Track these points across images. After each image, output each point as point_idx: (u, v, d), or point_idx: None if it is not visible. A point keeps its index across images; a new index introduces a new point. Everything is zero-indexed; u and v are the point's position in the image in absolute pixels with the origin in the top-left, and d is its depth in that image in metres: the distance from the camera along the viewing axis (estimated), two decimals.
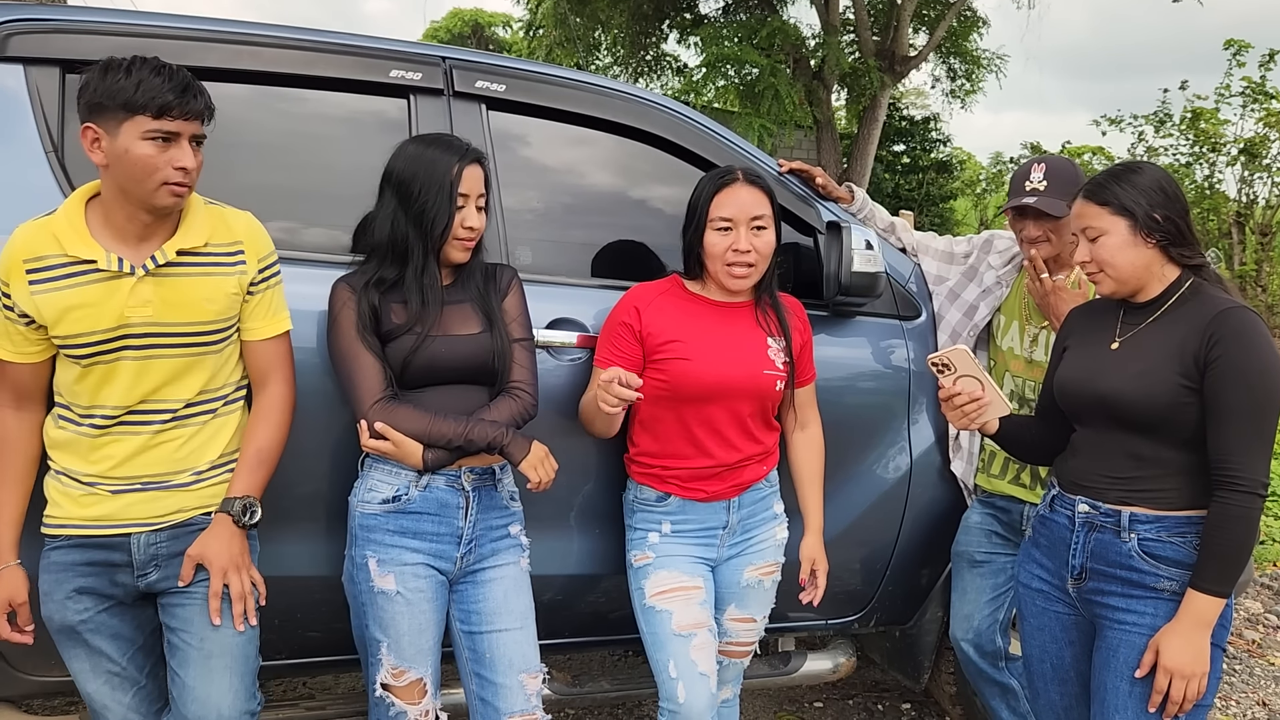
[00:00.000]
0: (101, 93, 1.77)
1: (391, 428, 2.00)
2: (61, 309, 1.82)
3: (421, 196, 2.03)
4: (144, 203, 1.83)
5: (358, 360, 2.02)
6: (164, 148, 1.79)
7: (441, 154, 2.06)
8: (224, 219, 1.97)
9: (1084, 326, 2.16)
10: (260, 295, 2.01)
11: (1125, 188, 1.97)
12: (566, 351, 2.39)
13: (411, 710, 2.06)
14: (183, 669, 1.91)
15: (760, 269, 2.26)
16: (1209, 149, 11.99)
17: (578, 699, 2.75)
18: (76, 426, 1.90)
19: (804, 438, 2.45)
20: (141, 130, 1.77)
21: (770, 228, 2.25)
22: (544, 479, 2.08)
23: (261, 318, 2.02)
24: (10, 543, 1.92)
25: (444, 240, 2.06)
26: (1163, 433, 1.93)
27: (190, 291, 1.90)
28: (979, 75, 16.72)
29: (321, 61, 2.35)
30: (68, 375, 1.90)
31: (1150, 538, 1.94)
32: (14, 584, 1.91)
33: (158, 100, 1.76)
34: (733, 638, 2.42)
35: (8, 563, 1.91)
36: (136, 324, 1.85)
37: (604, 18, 15.17)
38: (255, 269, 1.98)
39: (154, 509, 1.93)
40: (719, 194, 2.23)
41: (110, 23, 2.21)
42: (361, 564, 2.06)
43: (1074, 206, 2.06)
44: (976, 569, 2.67)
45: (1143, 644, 1.92)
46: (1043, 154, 3.99)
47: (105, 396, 1.88)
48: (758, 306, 2.33)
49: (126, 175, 1.80)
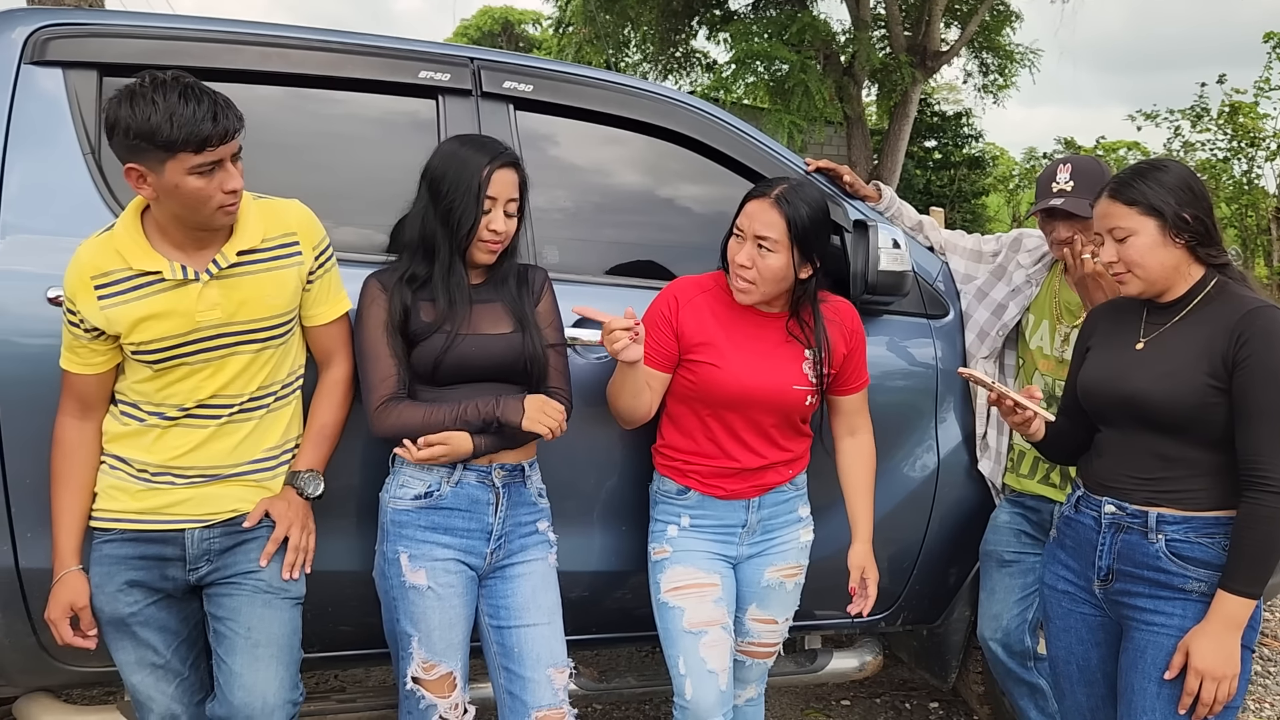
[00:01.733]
0: (135, 133, 1.74)
1: (396, 428, 2.03)
2: (134, 320, 1.87)
3: (449, 195, 2.05)
4: (202, 225, 1.88)
5: (376, 359, 2.06)
6: (211, 176, 1.82)
7: (474, 155, 2.07)
8: (275, 211, 2.02)
9: (1107, 326, 2.13)
10: (319, 281, 2.07)
11: (1153, 186, 1.94)
12: (593, 349, 2.40)
13: (441, 703, 2.08)
14: (230, 657, 1.95)
15: (762, 289, 2.17)
16: (1248, 144, 11.83)
17: (604, 694, 2.77)
18: (141, 422, 1.96)
19: (853, 444, 2.41)
20: (187, 167, 1.78)
21: (778, 253, 2.13)
22: (552, 426, 2.04)
23: (323, 303, 2.09)
24: (72, 549, 1.96)
25: (469, 241, 2.08)
26: (1190, 433, 1.91)
27: (254, 289, 1.95)
28: (1012, 70, 16.57)
29: (351, 63, 2.38)
30: (136, 376, 1.95)
31: (1178, 539, 1.93)
32: (76, 588, 1.95)
33: (197, 135, 1.76)
34: (755, 638, 2.42)
35: (69, 567, 1.96)
36: (207, 326, 1.91)
37: (633, 15, 15.20)
38: (311, 257, 2.04)
39: (208, 505, 1.98)
40: (748, 203, 2.20)
41: (146, 26, 2.26)
42: (393, 559, 2.08)
43: (1099, 206, 2.03)
44: (1005, 568, 2.66)
45: (1171, 645, 1.91)
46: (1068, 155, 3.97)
47: (174, 394, 1.94)
48: (794, 318, 2.28)
49: (180, 205, 1.84)
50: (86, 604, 1.95)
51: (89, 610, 1.96)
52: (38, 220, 2.08)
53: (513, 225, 2.13)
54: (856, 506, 2.40)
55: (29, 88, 2.13)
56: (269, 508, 2.01)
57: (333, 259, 2.11)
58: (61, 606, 1.94)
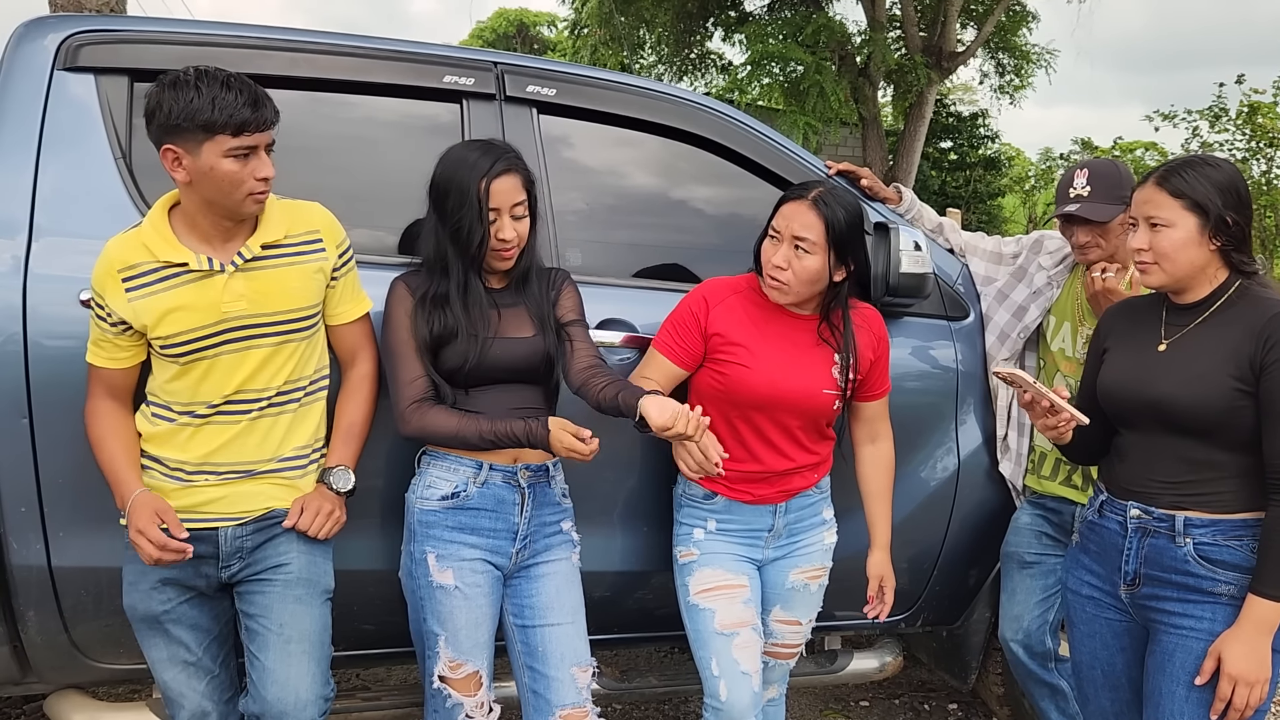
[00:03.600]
0: (177, 114, 1.81)
1: (424, 431, 2.05)
2: (161, 312, 1.90)
3: (454, 214, 2.06)
4: (231, 212, 1.92)
5: (404, 361, 2.08)
6: (245, 161, 1.87)
7: (469, 170, 2.05)
8: (298, 209, 2.06)
9: (1124, 327, 2.10)
10: (343, 280, 2.10)
11: (1202, 182, 1.89)
12: (616, 351, 2.42)
13: (468, 702, 2.10)
14: (262, 653, 1.98)
15: (796, 290, 2.18)
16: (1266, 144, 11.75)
17: (625, 694, 2.78)
18: (172, 422, 1.98)
19: (873, 451, 2.42)
20: (223, 149, 1.84)
21: (815, 254, 2.14)
22: (585, 450, 1.96)
23: (347, 302, 2.13)
24: (135, 478, 1.95)
25: (482, 255, 2.10)
26: (1217, 436, 1.89)
27: (279, 281, 1.98)
28: (1028, 70, 16.51)
29: (377, 68, 2.40)
30: (164, 375, 1.98)
31: (1206, 542, 1.91)
32: (155, 500, 1.92)
33: (236, 119, 1.83)
34: (779, 639, 2.43)
35: (138, 489, 1.94)
36: (233, 317, 1.94)
37: (649, 16, 15.22)
38: (335, 254, 2.07)
39: (241, 504, 2.01)
40: (785, 205, 2.20)
41: (176, 32, 2.29)
42: (420, 559, 2.10)
43: (1141, 191, 1.97)
44: (1026, 570, 2.66)
45: (1199, 649, 1.89)
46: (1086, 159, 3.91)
47: (204, 391, 1.96)
48: (826, 321, 2.29)
49: (214, 190, 1.87)
50: (169, 507, 1.92)
51: (172, 512, 1.91)
52: (70, 223, 2.11)
53: (523, 227, 2.13)
54: (875, 513, 2.41)
55: (61, 93, 2.17)
56: (303, 504, 2.04)
57: (354, 259, 2.14)
58: (147, 513, 1.89)
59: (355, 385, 2.16)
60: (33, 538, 2.10)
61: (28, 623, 2.15)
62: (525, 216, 2.12)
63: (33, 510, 2.09)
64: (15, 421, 2.05)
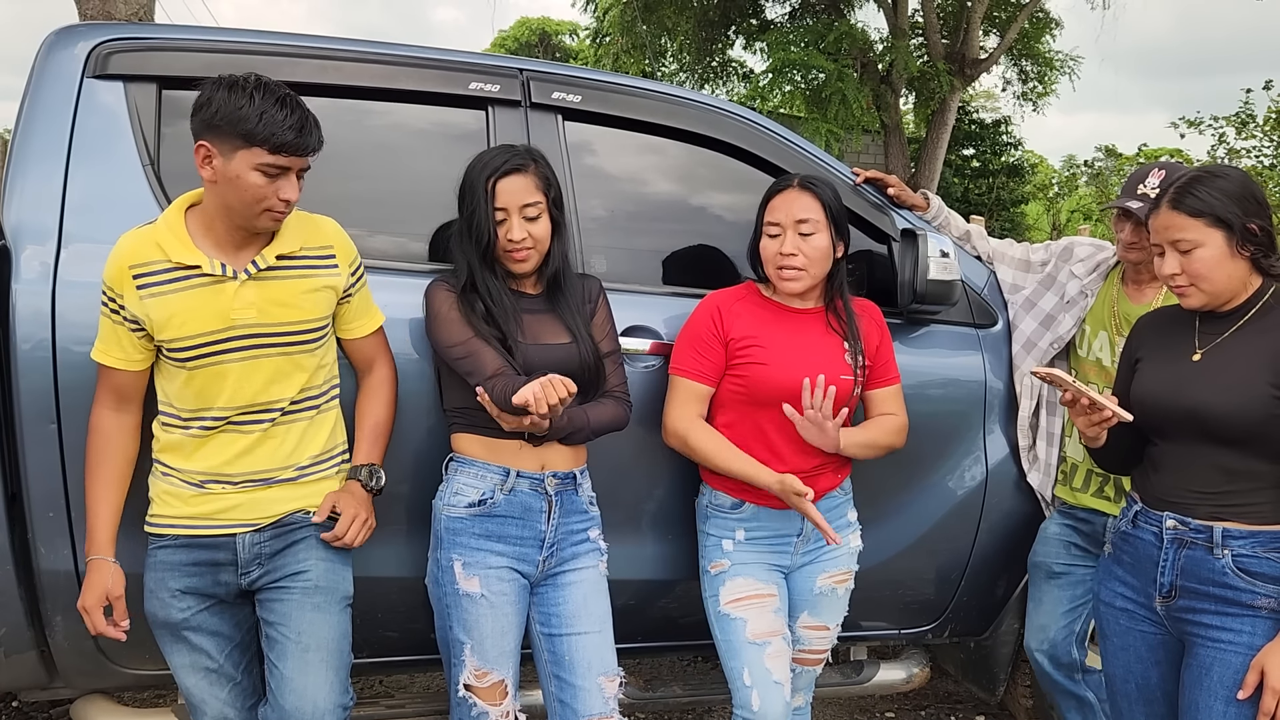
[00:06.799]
0: (223, 115, 1.81)
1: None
2: (169, 313, 1.89)
3: (469, 213, 2.11)
4: (246, 223, 1.91)
5: (474, 344, 2.06)
6: (273, 180, 1.86)
7: (481, 169, 2.11)
8: (313, 224, 2.06)
9: (1156, 338, 2.08)
10: (356, 296, 2.10)
11: (1217, 196, 1.88)
12: (640, 358, 2.41)
13: (493, 711, 2.09)
14: (281, 661, 1.97)
15: (812, 272, 2.26)
16: None
17: (650, 703, 2.77)
18: (184, 431, 1.97)
19: (884, 417, 2.39)
20: (255, 161, 1.83)
21: (820, 232, 2.24)
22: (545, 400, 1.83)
23: (360, 317, 2.13)
24: (107, 538, 1.95)
25: (493, 254, 2.12)
26: (1255, 445, 1.87)
27: (290, 292, 1.97)
28: (1051, 77, 16.41)
29: (403, 75, 2.41)
30: (172, 384, 1.97)
31: (1245, 554, 1.88)
32: (111, 577, 1.94)
33: (277, 138, 1.81)
34: (806, 645, 2.42)
35: (105, 557, 1.94)
36: (241, 325, 1.93)
37: (670, 25, 15.25)
38: (347, 272, 2.07)
39: (258, 510, 2.00)
40: (771, 200, 2.29)
41: (205, 40, 2.30)
42: (447, 567, 2.10)
43: (1158, 217, 1.95)
44: (1054, 580, 2.63)
45: (1238, 663, 1.86)
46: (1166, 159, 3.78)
47: (211, 400, 1.95)
48: (829, 311, 2.34)
49: (234, 196, 1.87)
50: (121, 594, 1.94)
51: (123, 600, 1.94)
52: (98, 230, 2.11)
53: (538, 229, 2.12)
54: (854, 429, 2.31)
55: (91, 101, 2.18)
56: (335, 500, 2.03)
57: (365, 276, 2.14)
58: (96, 595, 1.91)
59: (375, 387, 2.16)
60: (60, 543, 2.11)
61: (55, 628, 2.16)
62: (540, 218, 2.12)
63: (60, 515, 2.09)
64: (44, 427, 2.05)
